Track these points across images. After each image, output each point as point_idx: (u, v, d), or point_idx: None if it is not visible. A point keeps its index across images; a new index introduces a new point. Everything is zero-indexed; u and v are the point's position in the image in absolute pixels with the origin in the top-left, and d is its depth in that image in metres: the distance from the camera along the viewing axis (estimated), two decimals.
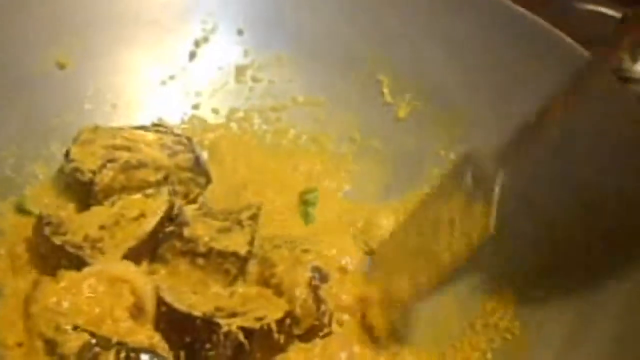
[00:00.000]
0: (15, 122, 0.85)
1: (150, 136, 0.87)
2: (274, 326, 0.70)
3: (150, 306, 0.70)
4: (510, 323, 0.77)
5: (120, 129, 0.88)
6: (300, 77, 0.98)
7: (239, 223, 0.79)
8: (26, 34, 0.86)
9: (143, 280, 0.71)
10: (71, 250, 0.73)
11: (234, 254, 0.76)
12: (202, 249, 0.76)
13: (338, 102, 0.98)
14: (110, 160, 0.81)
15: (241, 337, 0.68)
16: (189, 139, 0.89)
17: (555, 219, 0.79)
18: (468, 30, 0.91)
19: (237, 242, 0.76)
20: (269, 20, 0.98)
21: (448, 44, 0.92)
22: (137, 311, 0.70)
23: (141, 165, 0.82)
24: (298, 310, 0.73)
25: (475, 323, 0.79)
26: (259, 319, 0.70)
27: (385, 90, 0.96)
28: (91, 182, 0.80)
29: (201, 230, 0.77)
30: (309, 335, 0.74)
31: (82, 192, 0.82)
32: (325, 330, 0.75)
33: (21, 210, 0.81)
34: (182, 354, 0.70)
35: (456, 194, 0.71)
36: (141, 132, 0.87)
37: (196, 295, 0.72)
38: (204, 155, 0.92)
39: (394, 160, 0.95)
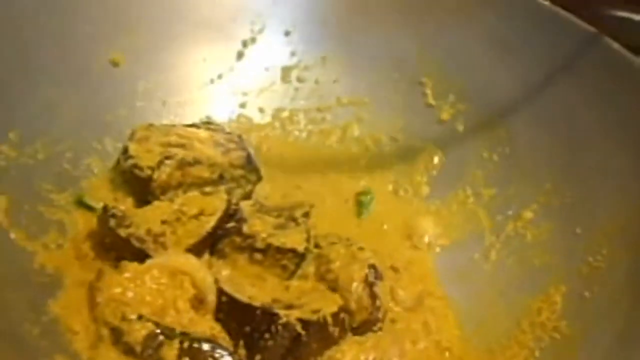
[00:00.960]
0: (72, 117, 0.87)
1: (203, 134, 0.89)
2: (329, 319, 0.72)
3: (210, 298, 0.72)
4: (557, 322, 0.78)
5: (173, 126, 0.90)
6: (345, 78, 1.00)
7: (294, 220, 0.81)
8: (83, 34, 0.89)
9: (203, 272, 0.74)
10: (136, 243, 0.75)
11: (292, 251, 0.78)
12: (260, 244, 0.78)
13: (381, 103, 0.99)
14: (168, 157, 0.83)
15: (299, 328, 0.70)
16: (239, 136, 0.91)
17: (605, 220, 0.80)
18: (512, 32, 0.92)
19: (294, 239, 0.79)
20: (316, 22, 1.00)
21: (492, 46, 0.94)
22: (198, 303, 0.72)
23: (196, 162, 0.84)
24: (353, 305, 0.75)
25: (522, 322, 0.80)
26: (315, 311, 0.72)
27: (429, 92, 0.98)
28: (149, 179, 0.82)
29: (259, 227, 0.79)
30: (362, 330, 0.76)
31: (140, 187, 0.84)
32: (379, 325, 0.76)
33: (81, 203, 0.83)
34: (241, 343, 0.71)
35: None
36: (193, 129, 0.90)
37: (254, 287, 0.74)
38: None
39: (437, 161, 0.96)
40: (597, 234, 0.81)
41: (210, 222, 0.78)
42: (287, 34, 1.00)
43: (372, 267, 0.78)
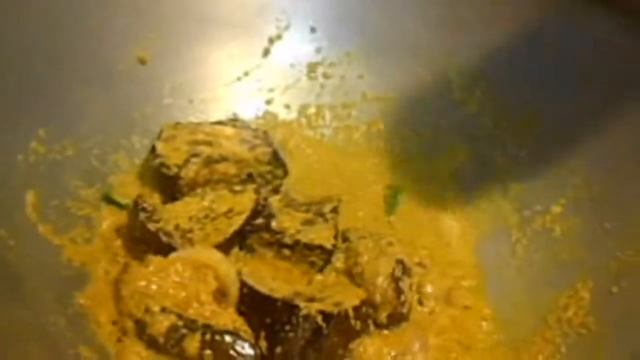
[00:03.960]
0: (100, 114, 0.88)
1: (229, 131, 0.90)
2: (350, 312, 0.72)
3: (233, 290, 0.73)
4: (584, 318, 0.77)
5: (199, 124, 0.91)
6: (370, 73, 1.00)
7: (322, 216, 0.81)
8: (111, 33, 0.90)
9: (226, 265, 0.74)
10: (164, 238, 0.76)
11: (320, 247, 0.78)
12: (288, 240, 0.79)
13: (407, 98, 0.99)
14: (194, 155, 0.84)
15: (320, 320, 0.71)
16: (265, 132, 0.92)
17: (634, 214, 0.79)
18: (538, 26, 0.91)
19: (322, 236, 0.79)
20: (341, 18, 1.00)
21: (518, 40, 0.93)
22: (220, 295, 0.73)
23: (223, 159, 0.85)
24: (378, 298, 0.75)
25: (548, 318, 0.80)
26: (337, 304, 0.72)
27: (455, 86, 0.97)
28: (177, 176, 0.83)
29: (287, 222, 0.79)
30: (387, 324, 0.75)
31: (168, 185, 0.85)
32: (404, 320, 0.76)
33: (108, 199, 0.84)
34: (262, 335, 0.72)
35: None
36: (220, 127, 0.90)
37: (276, 280, 0.74)
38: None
39: (463, 156, 0.96)
40: (626, 229, 0.80)
41: (238, 222, 0.79)
42: (312, 30, 1.00)
43: (400, 262, 0.78)
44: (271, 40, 1.00)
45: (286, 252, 0.79)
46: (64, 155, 0.84)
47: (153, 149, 0.87)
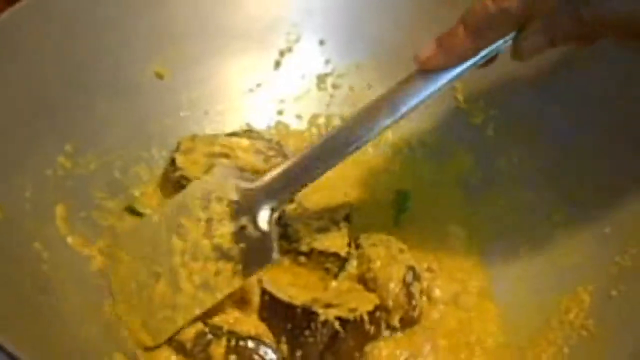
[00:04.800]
0: (121, 128, 0.92)
1: (245, 142, 0.94)
2: (365, 317, 0.77)
3: (255, 298, 0.77)
4: (585, 320, 0.81)
5: (215, 136, 0.95)
6: (378, 83, 1.03)
7: (335, 223, 0.86)
8: (130, 50, 0.93)
9: None
10: None
11: (335, 254, 0.83)
12: (304, 248, 0.83)
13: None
14: (212, 167, 0.88)
15: (337, 325, 0.75)
16: (278, 143, 0.96)
17: (634, 220, 0.83)
18: None
19: (336, 244, 0.84)
20: (350, 31, 1.04)
21: None
22: (243, 303, 0.77)
23: (240, 170, 0.89)
24: (390, 303, 0.80)
25: (551, 320, 0.83)
26: (352, 310, 0.77)
27: (459, 97, 1.01)
28: None
29: (303, 231, 0.83)
30: (399, 327, 0.80)
31: None
32: (415, 323, 0.81)
33: (131, 210, 0.88)
34: (283, 339, 0.77)
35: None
36: (236, 139, 0.94)
37: (294, 287, 0.79)
38: None
39: (468, 164, 1.00)
40: (625, 234, 0.83)
41: None
42: (321, 43, 1.04)
43: (411, 268, 0.83)
44: (282, 53, 1.04)
45: (302, 259, 0.84)
46: (88, 169, 0.87)
47: (172, 161, 0.91)
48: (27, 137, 0.81)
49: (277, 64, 1.03)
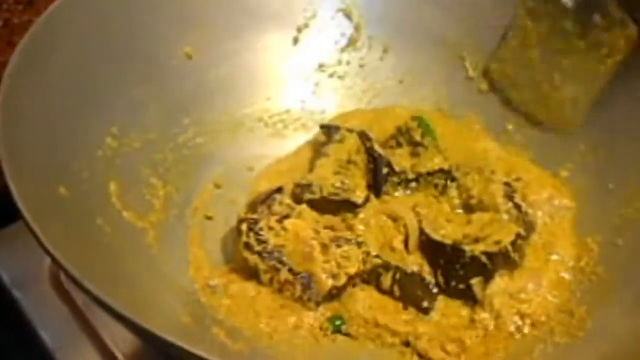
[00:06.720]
0: (158, 107, 0.98)
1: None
2: (509, 247, 0.84)
3: (414, 238, 0.88)
4: (594, 267, 0.88)
5: None
6: (389, 56, 1.10)
7: (420, 145, 0.96)
8: (161, 33, 0.98)
9: (411, 215, 0.90)
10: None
11: (441, 170, 0.93)
12: (412, 175, 0.93)
13: (424, 78, 1.10)
14: None
15: (484, 259, 0.83)
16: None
17: (636, 176, 0.91)
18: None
19: (435, 162, 0.94)
20: (361, 6, 1.10)
21: None
22: (407, 242, 0.89)
23: None
24: (505, 217, 0.88)
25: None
26: (497, 242, 0.84)
27: (468, 66, 1.08)
28: None
29: (403, 162, 0.95)
30: (525, 237, 0.88)
31: None
32: (533, 230, 0.90)
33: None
34: (439, 272, 0.86)
35: None
36: None
37: (450, 223, 0.88)
38: None
39: (477, 127, 1.07)
40: (628, 189, 0.91)
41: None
42: (333, 18, 1.09)
43: (506, 184, 0.92)
44: (299, 29, 1.10)
45: (413, 184, 0.93)
46: (133, 147, 0.94)
47: None
48: (78, 123, 0.86)
49: (295, 40, 1.09)
